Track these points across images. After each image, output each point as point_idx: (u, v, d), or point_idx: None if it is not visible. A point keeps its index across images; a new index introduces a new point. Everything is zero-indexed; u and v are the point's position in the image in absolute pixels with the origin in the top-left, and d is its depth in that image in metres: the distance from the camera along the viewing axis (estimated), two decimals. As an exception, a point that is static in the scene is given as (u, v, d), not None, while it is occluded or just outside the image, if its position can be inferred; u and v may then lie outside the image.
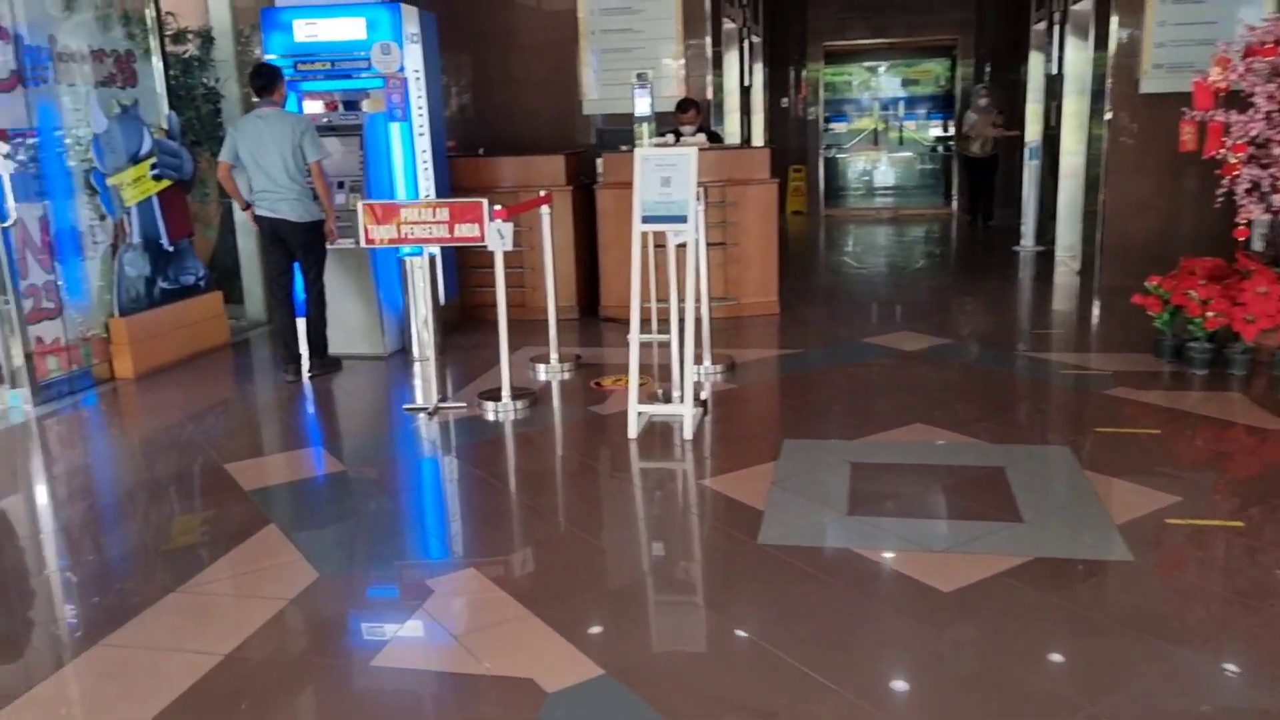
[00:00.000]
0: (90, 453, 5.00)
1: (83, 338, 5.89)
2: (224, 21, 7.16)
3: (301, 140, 5.60)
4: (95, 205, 5.99)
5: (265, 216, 5.74)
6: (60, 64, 5.81)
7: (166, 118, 6.55)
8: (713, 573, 3.31)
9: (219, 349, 6.78)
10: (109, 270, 6.08)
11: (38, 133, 5.63)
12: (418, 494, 4.29)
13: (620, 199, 7.09)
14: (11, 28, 5.42)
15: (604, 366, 5.99)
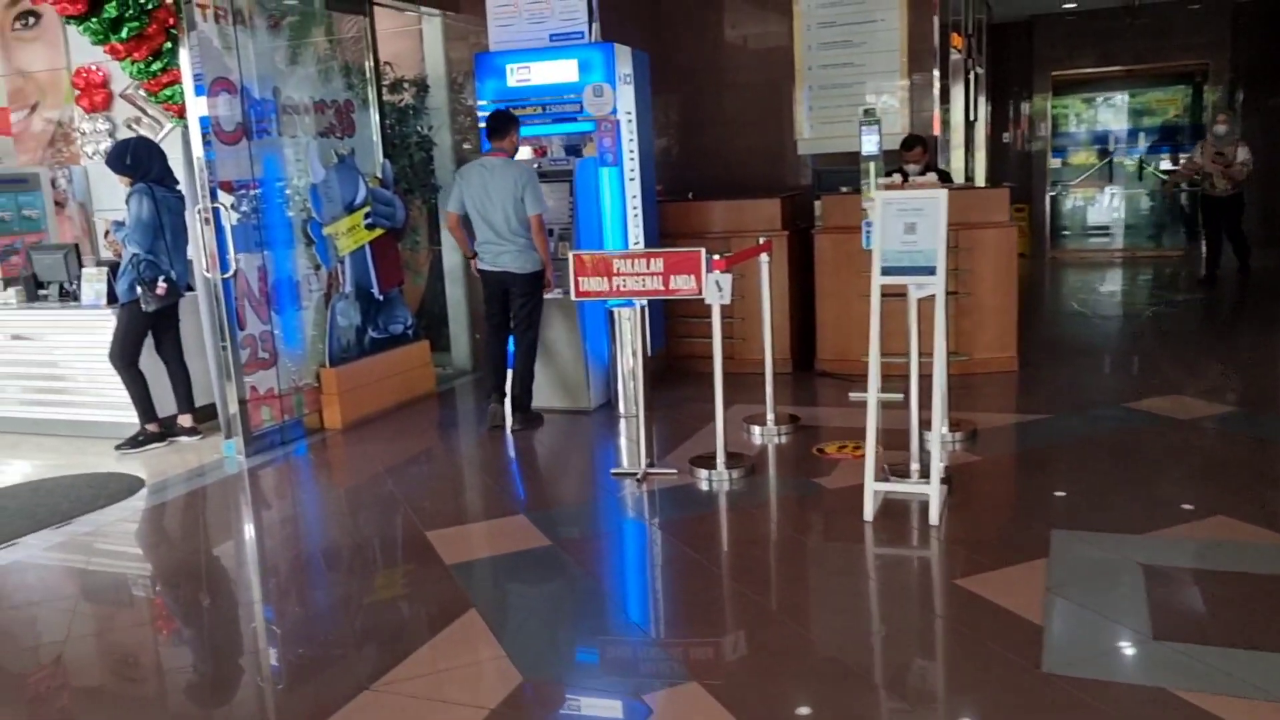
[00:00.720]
0: (296, 511, 4.89)
1: (295, 387, 5.87)
2: (439, 69, 7.14)
3: (523, 192, 5.40)
4: (311, 255, 5.99)
5: (489, 270, 5.58)
6: (285, 116, 5.86)
7: (381, 166, 6.54)
8: (990, 709, 2.70)
9: (425, 398, 6.67)
10: (321, 320, 6.06)
11: (260, 184, 5.67)
12: (629, 579, 3.88)
13: (840, 244, 6.56)
14: (239, 82, 5.49)
15: (824, 429, 5.45)
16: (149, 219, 5.62)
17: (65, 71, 8.64)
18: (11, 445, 6.09)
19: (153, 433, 5.80)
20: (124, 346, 5.71)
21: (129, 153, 5.70)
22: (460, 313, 7.44)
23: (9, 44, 8.88)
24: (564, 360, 6.04)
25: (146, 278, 5.59)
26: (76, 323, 6.03)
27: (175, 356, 5.91)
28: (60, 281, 6.16)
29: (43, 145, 8.97)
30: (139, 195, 5.63)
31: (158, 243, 5.67)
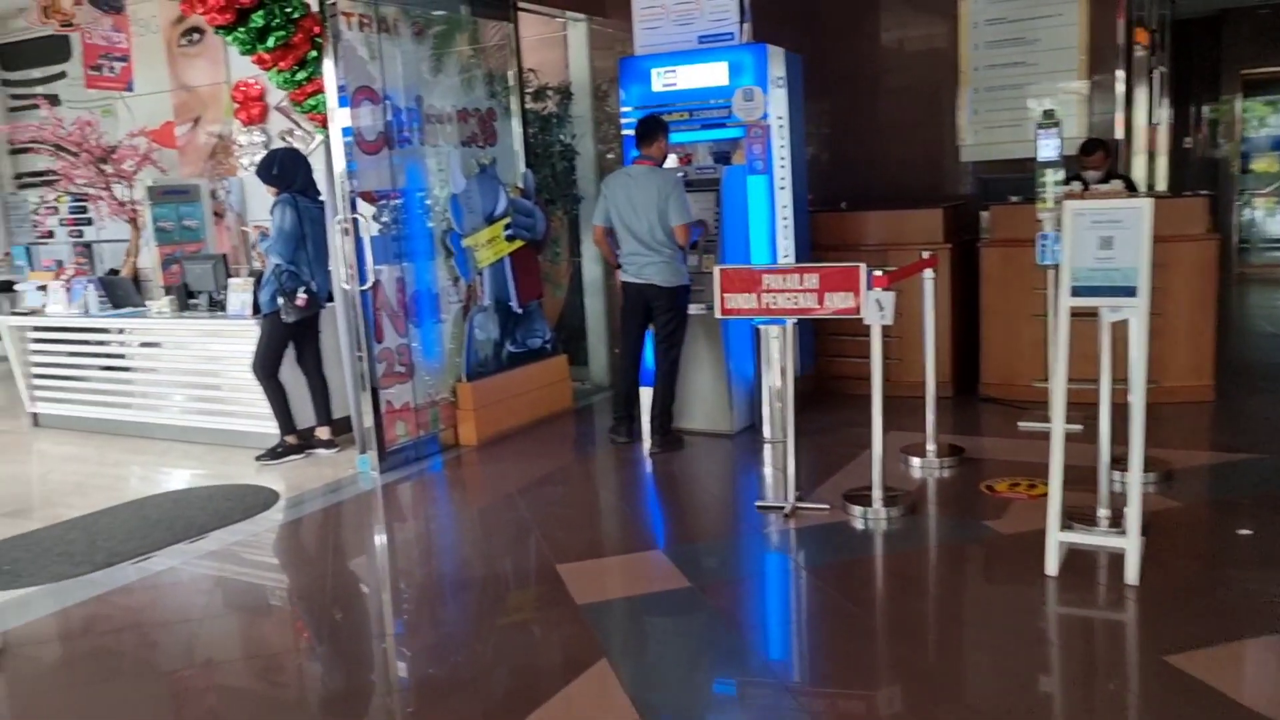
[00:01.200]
0: (428, 532, 4.71)
1: (430, 402, 5.73)
2: (583, 76, 6.94)
3: (667, 202, 5.12)
4: (450, 267, 5.86)
5: (631, 282, 5.32)
6: (427, 125, 5.75)
7: (522, 176, 6.37)
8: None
9: (562, 415, 6.46)
10: (459, 333, 5.92)
11: (401, 194, 5.57)
12: (774, 631, 3.51)
13: (1009, 258, 6.02)
14: (382, 90, 5.39)
15: (991, 463, 4.94)
16: (291, 229, 5.59)
17: (225, 85, 8.88)
18: (161, 452, 6.17)
19: (291, 445, 5.77)
20: (265, 357, 5.69)
21: (276, 163, 5.70)
22: (599, 326, 7.21)
23: (175, 60, 9.19)
24: (706, 379, 5.71)
25: (288, 288, 5.56)
26: (222, 332, 6.08)
27: (315, 368, 5.87)
28: (209, 291, 6.22)
29: (204, 157, 9.25)
30: (282, 205, 5.61)
31: (299, 253, 5.64)
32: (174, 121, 9.27)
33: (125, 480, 5.62)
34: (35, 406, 7.04)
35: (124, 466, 5.90)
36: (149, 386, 6.49)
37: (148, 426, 6.48)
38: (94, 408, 6.71)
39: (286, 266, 5.59)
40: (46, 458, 6.30)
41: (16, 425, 7.11)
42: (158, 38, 9.19)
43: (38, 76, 10.23)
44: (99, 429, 6.71)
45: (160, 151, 9.06)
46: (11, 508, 5.18)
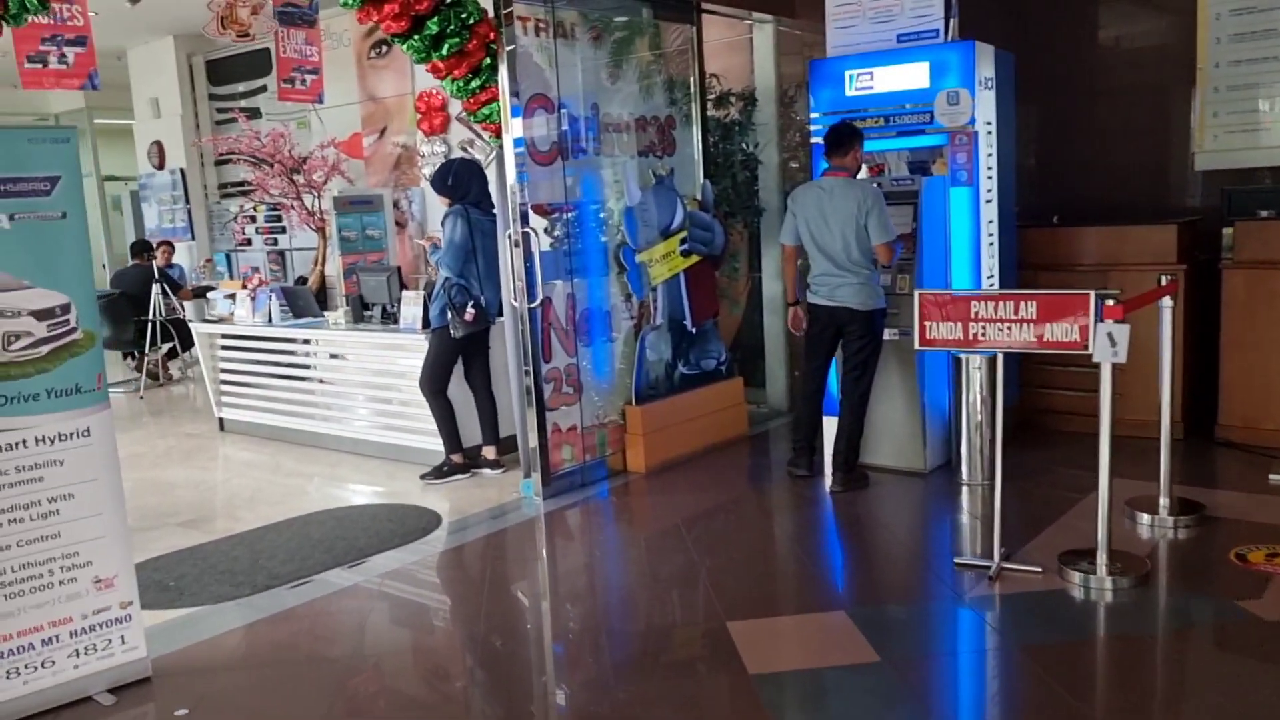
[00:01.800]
0: (591, 566, 4.42)
1: (598, 425, 5.46)
2: (768, 81, 6.53)
3: (867, 217, 4.66)
4: (622, 283, 5.57)
5: (821, 305, 4.88)
6: (604, 134, 5.48)
7: (701, 188, 6.03)
8: None
9: (736, 442, 6.06)
10: (630, 353, 5.62)
11: (574, 207, 5.32)
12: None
13: (1258, 282, 5.24)
14: (557, 98, 5.15)
15: (1238, 524, 4.22)
16: (461, 241, 5.43)
17: (410, 96, 8.96)
18: (333, 463, 6.16)
19: (457, 464, 5.61)
20: (433, 373, 5.56)
21: (450, 173, 5.56)
22: (778, 346, 6.78)
23: (365, 72, 9.36)
24: (896, 410, 5.19)
25: (457, 303, 5.41)
26: (393, 346, 6.00)
27: (483, 385, 5.70)
28: (383, 304, 6.17)
29: (389, 168, 9.38)
30: (454, 217, 5.46)
31: (469, 266, 5.48)
32: (361, 132, 9.45)
33: (296, 493, 5.60)
34: (222, 411, 7.22)
35: (296, 478, 5.91)
36: (324, 397, 6.52)
37: (322, 437, 6.50)
38: (274, 415, 6.81)
39: (456, 280, 5.45)
40: (226, 464, 6.41)
41: (206, 429, 7.31)
42: (349, 51, 9.39)
43: (241, 90, 10.69)
44: (278, 436, 6.80)
45: (348, 162, 9.26)
46: (189, 515, 5.22)
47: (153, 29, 10.61)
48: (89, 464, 3.15)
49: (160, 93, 11.19)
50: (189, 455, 6.62)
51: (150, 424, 7.74)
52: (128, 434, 7.40)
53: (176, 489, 5.77)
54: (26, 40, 5.55)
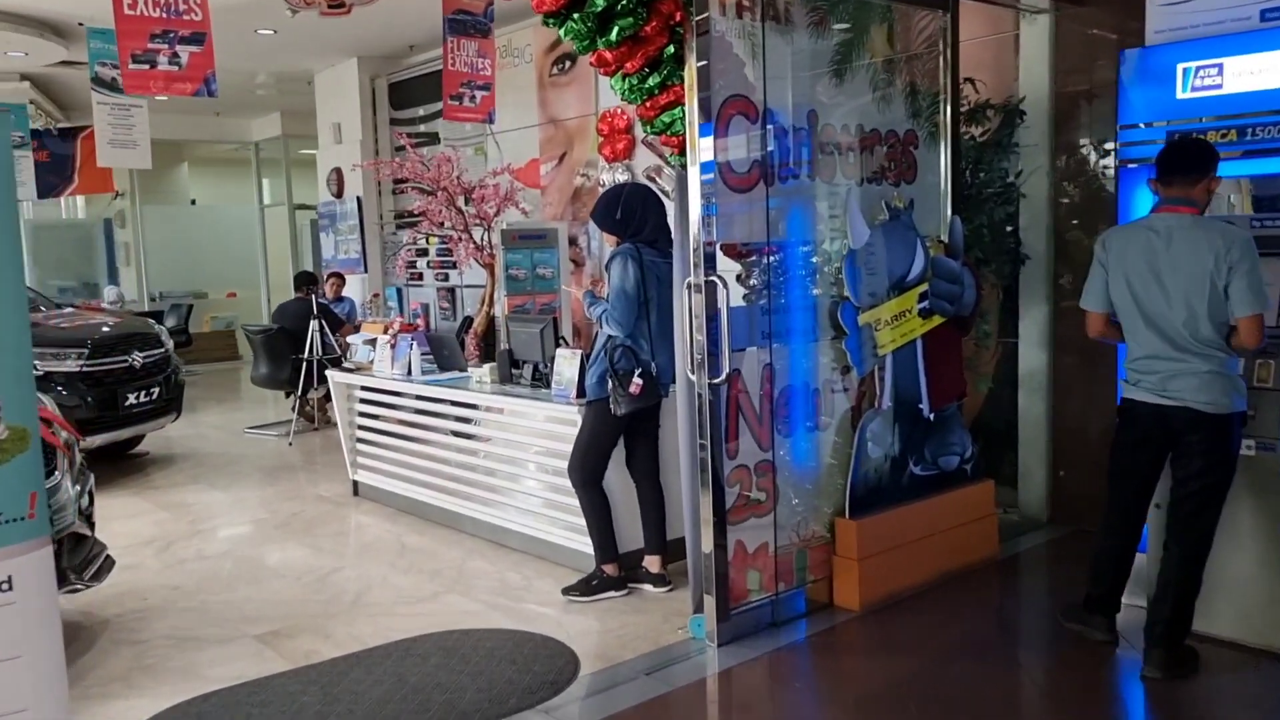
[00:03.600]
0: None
1: (798, 543, 4.04)
2: (1040, 89, 4.97)
3: (1230, 275, 3.07)
4: (838, 352, 4.15)
5: (1145, 402, 3.32)
6: (821, 154, 4.10)
7: (949, 225, 4.54)
8: None
9: (983, 569, 4.49)
10: (845, 447, 4.18)
11: (779, 249, 3.97)
12: None
13: None
14: (762, 103, 3.82)
15: None
16: (633, 291, 4.18)
17: (593, 118, 7.88)
18: (461, 556, 5.01)
19: (609, 578, 4.33)
20: (586, 457, 4.31)
21: (620, 203, 4.34)
22: (1037, 435, 5.16)
23: (546, 90, 8.36)
24: (1247, 559, 3.51)
25: (620, 369, 4.15)
26: (541, 416, 4.80)
27: (648, 476, 4.41)
28: (535, 361, 5.00)
29: (567, 199, 8.32)
30: (623, 259, 4.22)
31: (640, 324, 4.22)
32: (539, 159, 8.45)
33: (410, 597, 4.47)
34: (356, 474, 6.25)
35: (416, 574, 4.78)
36: (461, 470, 5.39)
37: (459, 518, 5.38)
38: (407, 486, 5.76)
39: (622, 340, 4.19)
40: (344, 546, 5.37)
41: (339, 493, 6.37)
42: (530, 68, 8.43)
43: (421, 114, 9.97)
44: (412, 510, 5.75)
45: (524, 191, 8.25)
46: (273, 624, 4.17)
47: (339, 50, 10.08)
48: (6, 633, 2.03)
49: (343, 117, 10.66)
50: (309, 527, 5.64)
51: (284, 480, 6.89)
52: (258, 491, 6.56)
53: (275, 579, 4.75)
54: (132, 35, 4.77)
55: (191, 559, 5.11)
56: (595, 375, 4.26)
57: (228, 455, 7.75)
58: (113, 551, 5.18)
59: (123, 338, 7.01)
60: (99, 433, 6.70)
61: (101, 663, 3.82)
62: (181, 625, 4.19)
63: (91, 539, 4.13)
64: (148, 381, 7.06)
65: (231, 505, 6.20)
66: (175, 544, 5.38)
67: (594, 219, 4.41)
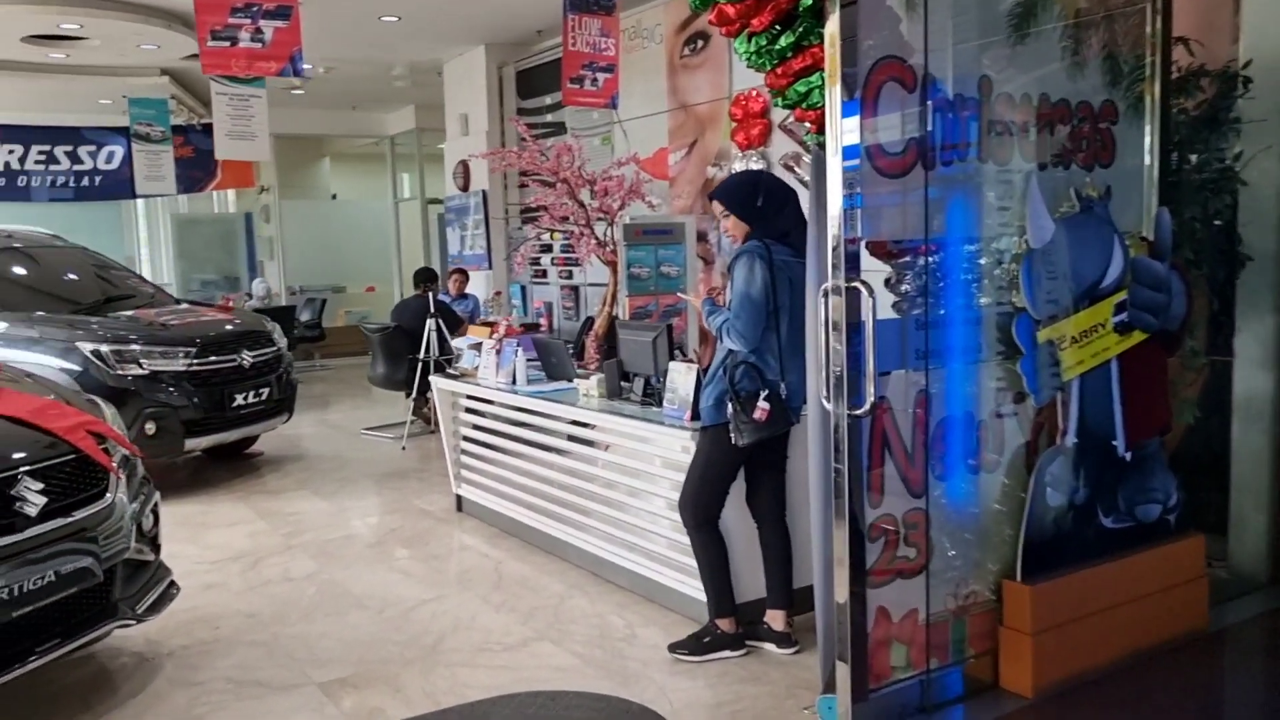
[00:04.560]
0: None
1: (955, 610, 3.29)
2: (1271, 50, 4.03)
3: None
4: (1010, 376, 3.37)
5: None
6: (993, 132, 3.34)
7: (1154, 219, 3.68)
8: None
9: (1187, 642, 3.63)
10: (1017, 490, 3.40)
11: (938, 247, 3.23)
12: None
13: None
14: (922, 68, 3.09)
15: None
16: (759, 297, 3.52)
17: (726, 102, 7.21)
18: (563, 590, 4.46)
19: (724, 634, 3.68)
20: (700, 491, 3.68)
21: (761, 190, 3.69)
22: (1255, 474, 4.21)
23: (676, 74, 7.74)
24: None
25: (742, 391, 3.50)
26: (648, 439, 4.18)
27: (773, 517, 3.74)
28: (647, 375, 4.38)
29: (697, 191, 7.69)
30: (749, 259, 3.57)
31: (768, 336, 3.55)
32: (668, 147, 7.84)
33: (494, 644, 3.93)
34: (460, 489, 5.79)
35: (508, 612, 4.25)
36: (563, 492, 4.84)
37: (562, 545, 4.83)
38: (510, 506, 5.25)
39: (746, 356, 3.54)
40: (438, 571, 4.90)
41: (442, 508, 5.93)
42: (659, 50, 7.83)
43: (548, 103, 9.51)
44: (515, 532, 5.24)
45: (651, 183, 7.65)
46: (343, 669, 3.70)
47: (466, 37, 9.74)
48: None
49: (470, 108, 10.32)
50: (407, 545, 5.20)
51: (389, 489, 6.51)
52: (360, 500, 6.21)
53: (357, 611, 4.30)
54: (211, 9, 4.39)
55: (276, 580, 4.73)
56: (713, 396, 3.62)
57: (340, 458, 7.46)
58: (201, 566, 4.91)
59: (232, 336, 6.77)
60: (205, 435, 6.47)
61: (151, 708, 3.42)
62: (246, 663, 3.77)
63: (154, 564, 3.75)
64: (257, 382, 6.80)
65: (331, 517, 5.84)
66: (264, 560, 5.02)
67: (723, 198, 3.74)
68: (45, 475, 3.14)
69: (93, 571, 3.23)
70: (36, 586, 3.03)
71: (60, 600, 3.13)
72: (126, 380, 6.10)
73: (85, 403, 3.70)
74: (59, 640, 3.14)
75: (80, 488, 3.29)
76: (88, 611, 3.30)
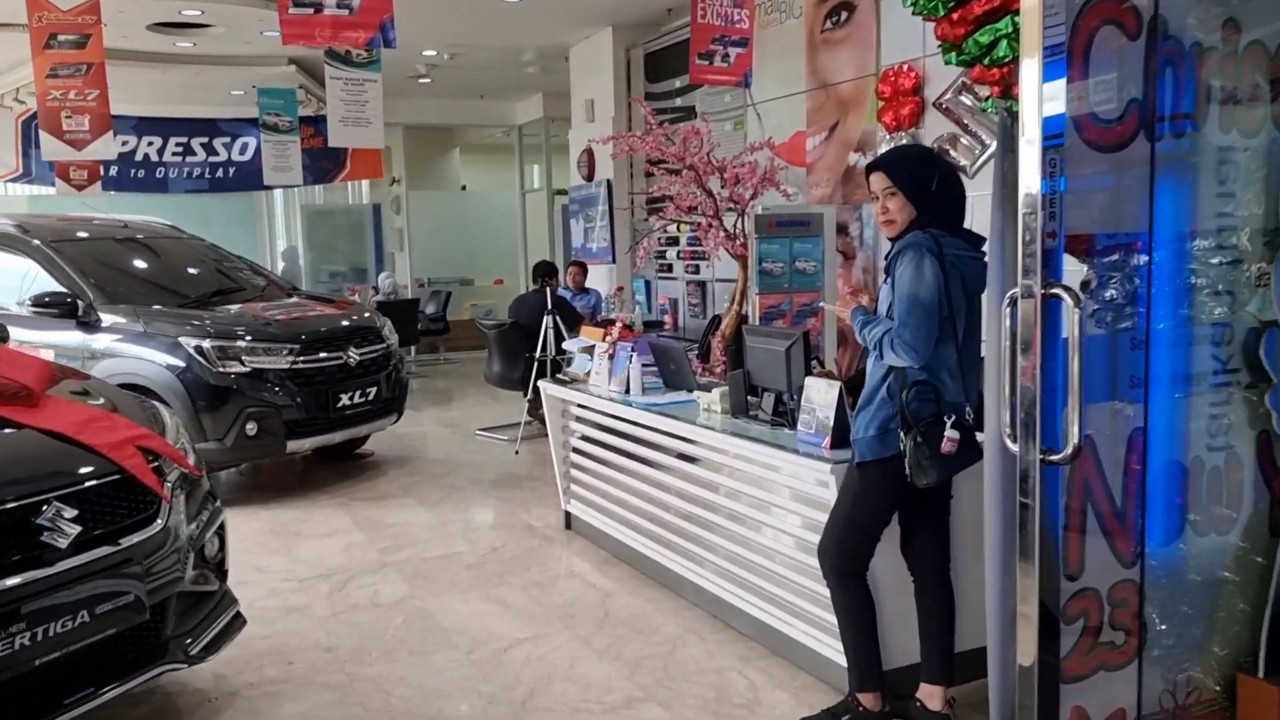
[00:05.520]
0: None
1: (1176, 710, 2.56)
2: None
3: None
4: (1253, 410, 2.61)
5: None
6: (1237, 96, 2.58)
7: None
8: None
9: None
10: (1257, 557, 2.63)
11: (1152, 244, 2.50)
12: None
13: None
14: (1150, 8, 2.37)
15: None
16: (931, 299, 2.85)
17: (872, 80, 6.48)
18: (678, 633, 3.88)
19: (867, 712, 3.03)
20: (845, 537, 3.04)
21: (937, 169, 3.01)
22: None
23: (816, 50, 7.04)
24: None
25: (918, 416, 2.84)
26: (782, 468, 3.55)
27: (934, 570, 3.07)
28: (778, 390, 3.75)
29: (836, 178, 6.97)
30: (917, 253, 2.90)
31: (942, 349, 2.88)
32: (806, 131, 7.15)
33: (592, 701, 3.39)
34: (569, 505, 5.28)
35: (608, 659, 3.70)
36: (678, 519, 4.25)
37: (679, 581, 4.26)
38: (622, 530, 4.70)
39: (917, 374, 2.87)
40: (539, 603, 4.38)
41: (551, 523, 5.44)
42: (798, 25, 7.14)
43: (678, 86, 8.92)
44: (628, 559, 4.70)
45: (787, 170, 6.97)
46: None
47: (592, 18, 9.24)
48: None
49: (596, 93, 9.83)
50: (506, 571, 4.72)
51: (496, 499, 6.07)
52: (465, 513, 5.77)
53: (444, 650, 3.82)
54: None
55: (363, 605, 4.30)
56: (874, 424, 2.95)
57: (450, 462, 7.08)
58: (288, 584, 4.54)
59: (339, 333, 6.45)
60: (308, 436, 6.15)
61: (202, 764, 3.02)
62: (314, 711, 3.34)
63: (217, 594, 3.35)
64: (364, 381, 6.46)
65: (432, 530, 5.42)
66: (355, 580, 4.62)
67: (892, 171, 3.03)
68: (82, 499, 2.75)
69: (136, 609, 2.83)
70: (66, 629, 2.64)
71: (97, 643, 2.73)
72: (229, 378, 5.82)
73: (144, 413, 3.31)
74: (93, 690, 2.74)
75: (125, 512, 2.89)
76: (132, 653, 2.90)
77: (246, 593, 4.42)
